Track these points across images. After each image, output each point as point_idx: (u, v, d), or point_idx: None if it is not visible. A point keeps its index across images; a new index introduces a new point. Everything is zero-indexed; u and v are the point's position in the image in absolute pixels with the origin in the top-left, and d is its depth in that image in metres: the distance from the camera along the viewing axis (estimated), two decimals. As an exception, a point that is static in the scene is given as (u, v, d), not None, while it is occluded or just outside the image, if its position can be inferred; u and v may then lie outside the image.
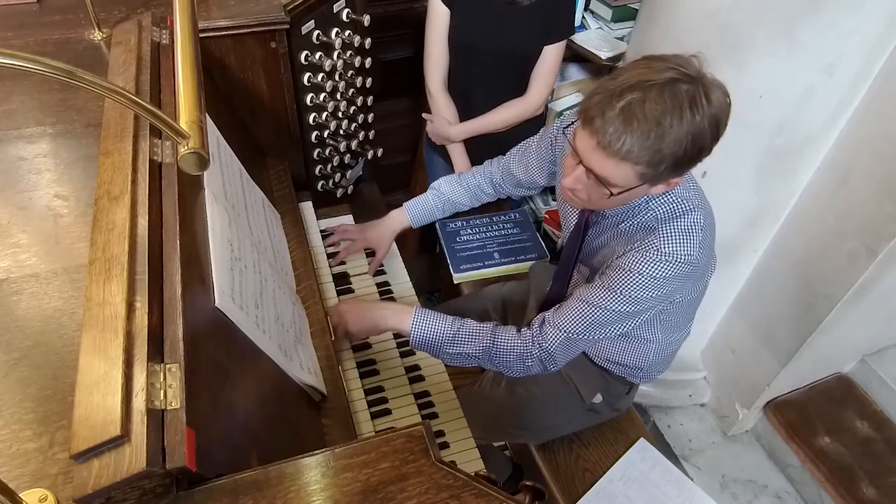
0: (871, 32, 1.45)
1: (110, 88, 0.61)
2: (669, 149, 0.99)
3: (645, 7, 1.86)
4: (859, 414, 2.12)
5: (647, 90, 0.97)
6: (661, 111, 0.96)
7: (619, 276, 1.14)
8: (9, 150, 1.01)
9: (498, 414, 1.54)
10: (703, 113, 0.98)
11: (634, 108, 0.97)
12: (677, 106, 0.97)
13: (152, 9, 1.26)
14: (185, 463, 0.61)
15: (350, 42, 1.50)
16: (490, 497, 0.65)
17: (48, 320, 0.77)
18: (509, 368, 1.27)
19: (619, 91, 0.99)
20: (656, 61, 1.01)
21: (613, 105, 0.98)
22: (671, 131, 0.97)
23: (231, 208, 1.05)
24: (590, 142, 1.03)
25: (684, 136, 0.98)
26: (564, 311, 1.22)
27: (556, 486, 1.52)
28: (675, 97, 0.97)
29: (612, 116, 0.98)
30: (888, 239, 1.59)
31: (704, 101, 0.98)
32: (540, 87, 1.91)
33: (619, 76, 1.02)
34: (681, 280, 1.15)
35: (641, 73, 0.99)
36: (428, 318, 1.28)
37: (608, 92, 1.00)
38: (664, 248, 1.11)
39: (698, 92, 0.98)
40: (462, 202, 1.61)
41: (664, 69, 0.99)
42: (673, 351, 1.46)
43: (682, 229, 1.12)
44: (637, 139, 0.98)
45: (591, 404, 1.51)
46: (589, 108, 1.02)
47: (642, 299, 1.15)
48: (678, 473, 1.54)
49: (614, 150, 1.00)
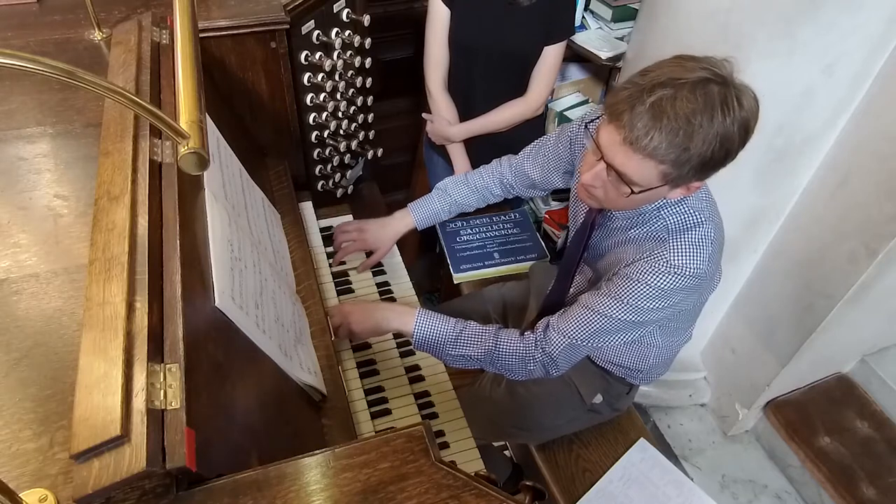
0: (871, 32, 1.45)
1: (110, 88, 0.61)
2: (697, 149, 0.97)
3: (645, 7, 1.86)
4: (859, 414, 2.12)
5: (678, 88, 0.96)
6: (693, 109, 0.95)
7: (626, 285, 1.14)
8: (9, 150, 1.01)
9: (498, 414, 1.54)
10: (734, 116, 0.97)
11: (665, 105, 0.96)
12: (709, 106, 0.96)
13: (152, 9, 1.26)
14: (185, 463, 0.61)
15: (350, 42, 1.50)
16: (490, 497, 0.65)
17: (48, 320, 0.77)
18: (511, 371, 1.27)
19: (649, 87, 0.97)
20: (688, 61, 1.00)
21: (644, 100, 0.97)
22: (700, 130, 0.96)
23: (231, 208, 1.05)
24: (615, 136, 1.01)
25: (713, 138, 0.97)
26: (569, 317, 1.22)
27: (556, 486, 1.52)
28: (706, 97, 0.96)
29: (642, 112, 0.97)
30: (888, 239, 1.59)
31: (735, 104, 0.97)
32: (540, 87, 1.91)
33: (649, 72, 1.00)
34: (687, 292, 1.15)
35: (673, 70, 0.98)
36: (431, 320, 1.27)
37: (638, 87, 0.98)
38: (674, 260, 1.10)
39: (730, 94, 0.97)
40: (469, 203, 1.59)
41: (696, 69, 0.98)
42: (673, 354, 1.46)
43: (693, 242, 1.11)
44: (665, 136, 0.96)
45: (592, 405, 1.51)
46: (617, 102, 1.00)
47: (647, 310, 1.14)
48: (678, 473, 1.54)
49: (641, 146, 0.98)
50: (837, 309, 1.76)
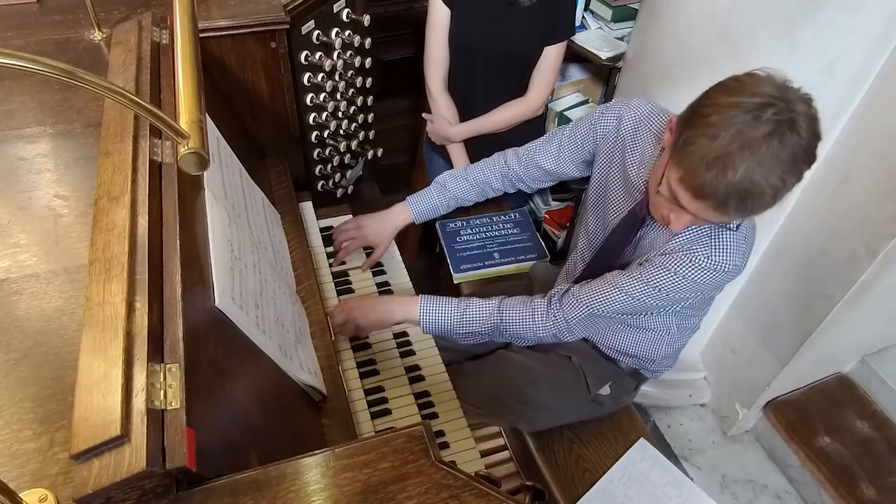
0: (871, 32, 1.45)
1: (110, 88, 0.61)
2: (779, 198, 1.01)
3: (645, 7, 1.86)
4: (859, 414, 2.12)
5: (753, 150, 0.95)
6: (781, 176, 0.97)
7: (661, 274, 1.16)
8: (9, 150, 1.01)
9: (498, 383, 1.53)
10: (810, 161, 0.99)
11: (755, 178, 0.96)
12: (792, 164, 0.97)
13: (152, 9, 1.26)
14: (185, 463, 0.61)
15: (350, 42, 1.50)
16: (490, 497, 0.65)
17: (48, 320, 0.77)
18: (520, 339, 1.31)
19: (723, 154, 0.97)
20: (751, 85, 0.99)
21: (728, 178, 0.97)
22: (784, 189, 0.99)
23: (231, 208, 1.05)
24: (705, 207, 1.03)
25: (794, 185, 1.00)
26: (592, 289, 1.24)
27: (556, 486, 1.52)
28: (792, 155, 0.96)
29: (732, 194, 0.98)
30: (888, 239, 1.59)
31: (812, 151, 0.99)
32: (540, 87, 1.91)
33: (713, 126, 0.98)
34: (717, 288, 1.20)
35: (739, 127, 0.96)
36: (434, 304, 1.31)
37: (711, 159, 0.98)
38: (715, 255, 1.13)
39: (810, 145, 0.98)
40: (468, 198, 1.59)
41: (762, 122, 0.96)
42: (683, 344, 1.49)
43: (733, 239, 1.14)
44: (756, 205, 1.01)
45: (597, 395, 1.51)
46: (703, 185, 1.00)
47: (675, 298, 1.18)
48: (678, 473, 1.54)
49: (729, 214, 1.03)
50: (837, 309, 1.76)
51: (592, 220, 1.44)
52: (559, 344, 1.39)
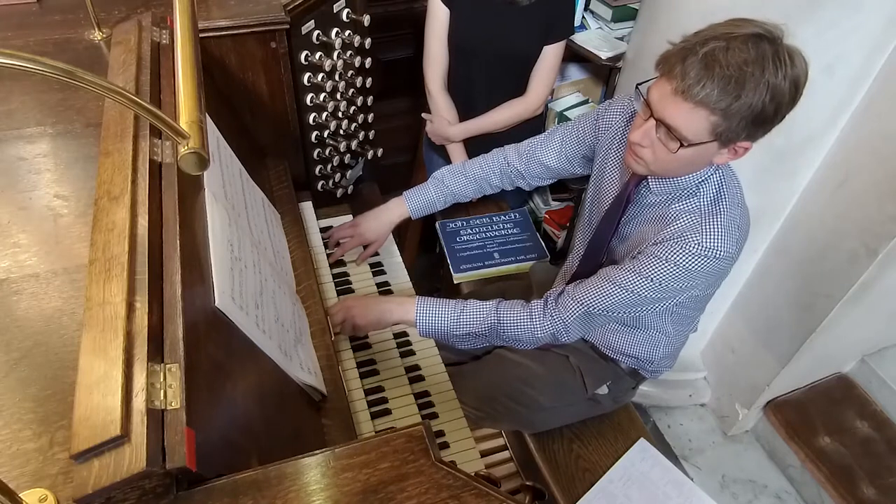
0: (871, 32, 1.45)
1: (110, 88, 0.61)
2: (748, 98, 0.98)
3: (645, 7, 1.86)
4: (859, 414, 2.12)
5: (731, 40, 0.98)
6: (745, 59, 0.97)
7: (653, 263, 1.15)
8: (9, 150, 1.01)
9: (495, 383, 1.52)
10: (785, 71, 0.98)
11: (717, 55, 0.98)
12: (760, 57, 0.97)
13: (152, 9, 1.26)
14: (185, 463, 0.61)
15: (350, 42, 1.50)
16: (490, 497, 0.65)
17: (48, 320, 0.77)
18: (518, 341, 1.29)
19: (701, 41, 1.00)
20: (741, 20, 1.03)
21: (696, 51, 0.99)
22: (752, 79, 0.97)
23: (231, 208, 1.05)
24: (666, 88, 1.03)
25: (764, 88, 0.98)
26: (588, 287, 1.24)
27: (556, 486, 1.52)
28: (758, 49, 0.97)
29: (694, 62, 0.99)
30: (888, 239, 1.59)
31: (787, 60, 0.99)
32: (540, 86, 1.91)
33: (700, 31, 1.03)
34: (713, 276, 1.17)
35: (725, 27, 1.01)
36: (431, 305, 1.30)
37: (689, 42, 1.02)
38: (706, 242, 1.12)
39: (781, 50, 0.99)
40: (465, 194, 1.58)
41: (749, 26, 1.00)
42: (681, 344, 1.48)
43: (724, 225, 1.13)
44: (717, 83, 0.98)
45: (594, 395, 1.51)
46: (669, 56, 1.03)
47: (671, 289, 1.17)
48: (678, 473, 1.54)
49: (692, 94, 1.00)
50: (837, 309, 1.76)
51: (590, 217, 1.44)
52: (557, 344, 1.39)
